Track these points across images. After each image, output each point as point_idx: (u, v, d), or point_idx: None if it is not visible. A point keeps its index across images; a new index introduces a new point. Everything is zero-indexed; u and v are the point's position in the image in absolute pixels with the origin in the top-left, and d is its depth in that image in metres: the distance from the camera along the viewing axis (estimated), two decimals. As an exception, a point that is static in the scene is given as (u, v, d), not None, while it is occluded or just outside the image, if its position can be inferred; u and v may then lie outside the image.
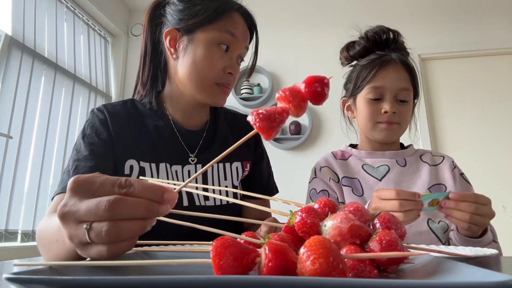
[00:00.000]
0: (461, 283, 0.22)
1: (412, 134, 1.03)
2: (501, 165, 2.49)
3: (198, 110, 0.89)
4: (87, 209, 0.33)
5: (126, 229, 0.34)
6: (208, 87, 0.80)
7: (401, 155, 0.98)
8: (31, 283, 0.24)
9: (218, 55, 0.79)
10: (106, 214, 0.32)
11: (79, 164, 0.72)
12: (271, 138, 0.37)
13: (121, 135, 0.79)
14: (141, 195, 0.34)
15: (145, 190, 0.35)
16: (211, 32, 0.78)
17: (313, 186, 0.98)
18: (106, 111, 0.81)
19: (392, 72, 0.91)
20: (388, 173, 0.95)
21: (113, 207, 0.33)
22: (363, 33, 0.99)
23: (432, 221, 0.88)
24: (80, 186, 0.35)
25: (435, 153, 1.01)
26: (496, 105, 2.61)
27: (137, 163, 0.78)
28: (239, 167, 0.89)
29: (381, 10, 2.88)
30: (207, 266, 0.36)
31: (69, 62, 2.50)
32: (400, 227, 0.37)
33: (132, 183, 0.35)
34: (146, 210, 0.34)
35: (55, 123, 2.29)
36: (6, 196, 1.87)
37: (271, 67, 2.88)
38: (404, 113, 0.93)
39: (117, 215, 0.33)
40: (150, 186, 0.35)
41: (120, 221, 0.33)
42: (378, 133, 0.94)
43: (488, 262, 0.51)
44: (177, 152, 0.83)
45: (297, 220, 0.36)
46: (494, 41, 2.69)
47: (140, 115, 0.85)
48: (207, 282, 0.23)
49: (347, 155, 1.03)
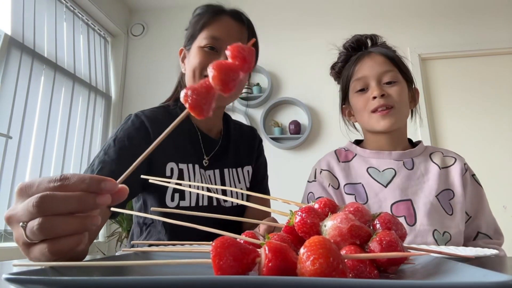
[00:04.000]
0: (461, 283, 0.22)
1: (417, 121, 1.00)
2: (501, 165, 2.49)
3: (214, 115, 0.95)
4: (22, 208, 0.34)
5: (60, 224, 0.33)
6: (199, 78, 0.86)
7: (409, 155, 0.93)
8: (31, 283, 0.24)
9: (206, 54, 0.86)
10: (36, 210, 0.33)
11: (105, 167, 0.72)
12: (203, 116, 0.36)
13: None
14: (76, 187, 0.34)
15: (80, 182, 0.34)
16: (199, 40, 0.88)
17: (311, 189, 0.97)
18: (144, 117, 0.85)
19: (369, 60, 0.93)
20: (394, 178, 0.90)
21: (40, 202, 0.33)
22: (341, 46, 1.01)
23: (437, 232, 0.83)
24: (22, 190, 0.36)
25: (446, 153, 0.95)
26: (496, 105, 2.61)
27: (176, 165, 0.84)
28: (250, 171, 1.00)
29: (381, 10, 2.88)
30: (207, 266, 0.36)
31: (69, 62, 2.50)
32: (400, 228, 0.37)
33: (68, 177, 0.35)
34: (77, 202, 0.34)
35: (54, 123, 2.29)
36: (6, 196, 1.87)
37: (271, 66, 2.88)
38: (396, 93, 0.89)
39: (47, 211, 0.33)
40: (86, 178, 0.35)
41: (53, 216, 0.33)
42: (376, 122, 0.90)
43: (488, 262, 0.51)
44: (197, 155, 0.91)
45: (297, 220, 0.36)
46: (494, 41, 2.69)
47: (173, 120, 0.88)
48: (207, 282, 0.23)
49: (351, 156, 0.99)
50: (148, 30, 3.17)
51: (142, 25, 3.18)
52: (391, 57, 0.92)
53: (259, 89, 2.84)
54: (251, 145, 1.05)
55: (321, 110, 2.74)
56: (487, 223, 0.90)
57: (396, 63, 0.92)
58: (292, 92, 2.82)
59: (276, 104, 2.81)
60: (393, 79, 0.90)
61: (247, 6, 0.89)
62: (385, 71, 0.90)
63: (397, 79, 0.91)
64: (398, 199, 0.87)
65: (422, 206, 0.85)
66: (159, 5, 3.13)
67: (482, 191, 0.92)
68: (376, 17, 2.85)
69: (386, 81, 0.90)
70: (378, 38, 0.99)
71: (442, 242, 0.82)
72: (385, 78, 0.90)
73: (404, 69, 0.93)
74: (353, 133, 1.07)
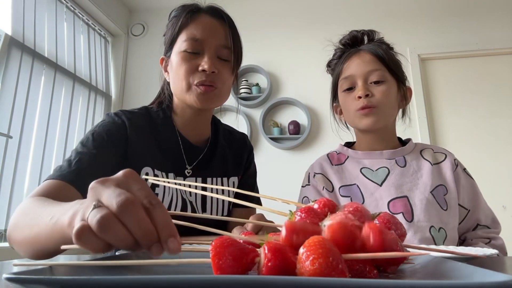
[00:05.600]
0: (461, 283, 0.22)
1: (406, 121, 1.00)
2: (501, 165, 2.48)
3: (199, 120, 0.91)
4: (111, 193, 0.33)
5: (115, 233, 0.32)
6: (188, 89, 0.82)
7: (400, 153, 0.95)
8: (31, 283, 0.24)
9: (188, 59, 0.81)
10: (114, 206, 0.32)
11: (83, 158, 0.71)
12: None
13: (139, 142, 0.81)
14: (156, 216, 0.33)
15: (162, 216, 0.33)
16: (178, 45, 0.84)
17: (306, 193, 0.97)
18: (125, 117, 0.82)
19: (357, 59, 0.93)
20: (388, 177, 0.91)
21: (124, 206, 0.32)
22: (337, 43, 1.01)
23: (434, 228, 0.83)
24: (134, 175, 0.36)
25: (437, 150, 0.97)
26: (496, 105, 2.61)
27: (152, 170, 0.80)
28: (235, 182, 0.94)
29: (380, 10, 2.88)
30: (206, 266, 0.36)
31: (69, 61, 2.50)
32: (400, 228, 0.37)
33: (158, 207, 0.34)
34: (144, 234, 0.32)
35: (55, 123, 2.29)
36: (6, 196, 1.87)
37: (270, 67, 2.88)
38: (381, 93, 0.89)
39: (121, 215, 0.32)
40: (168, 220, 0.33)
41: (118, 223, 0.32)
42: (359, 121, 0.91)
43: (488, 262, 0.51)
44: (178, 163, 0.86)
45: (296, 220, 0.36)
46: (494, 41, 2.68)
47: (154, 124, 0.88)
48: (207, 282, 0.23)
49: (343, 158, 0.99)
50: (148, 30, 3.17)
51: (142, 25, 3.18)
52: (380, 55, 0.92)
53: (258, 89, 2.84)
54: (240, 154, 0.98)
55: (321, 110, 2.74)
56: (485, 215, 0.91)
57: (385, 62, 0.91)
58: (292, 92, 2.82)
59: (275, 104, 2.81)
60: (380, 78, 0.90)
61: (247, 6, 0.89)
62: (371, 70, 0.90)
63: (384, 78, 0.90)
64: (394, 196, 0.88)
65: (418, 202, 0.86)
66: (159, 5, 3.13)
67: (474, 183, 0.93)
68: (376, 17, 2.85)
69: (373, 80, 0.90)
70: (375, 34, 0.98)
71: (438, 239, 0.83)
72: (372, 77, 0.90)
73: (394, 67, 0.93)
74: (343, 131, 1.07)
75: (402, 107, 0.98)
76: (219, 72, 0.82)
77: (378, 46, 0.94)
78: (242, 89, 2.84)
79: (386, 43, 0.98)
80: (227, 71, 0.84)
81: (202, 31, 0.81)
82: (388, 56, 0.93)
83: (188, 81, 0.81)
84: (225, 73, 0.84)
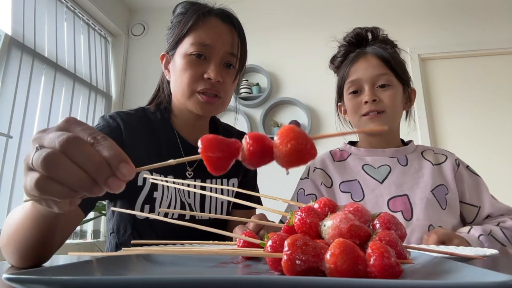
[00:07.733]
0: (461, 283, 0.22)
1: (410, 124, 1.01)
2: (501, 165, 2.49)
3: (198, 123, 0.90)
4: (51, 135, 0.32)
5: (64, 168, 0.30)
6: (191, 96, 0.81)
7: (402, 152, 0.95)
8: (31, 283, 0.24)
9: (194, 64, 0.79)
10: (57, 143, 0.31)
11: None
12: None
13: (135, 145, 0.80)
14: (102, 149, 0.32)
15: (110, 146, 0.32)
16: (184, 46, 0.81)
17: (302, 186, 0.97)
18: (120, 120, 0.81)
19: (363, 62, 0.92)
20: (389, 175, 0.91)
21: (67, 143, 0.31)
22: (342, 40, 1.00)
23: (432, 227, 0.83)
24: (75, 120, 0.35)
25: (438, 151, 0.97)
26: (496, 105, 2.61)
27: (150, 173, 0.79)
28: (235, 183, 0.93)
29: (380, 10, 2.88)
30: (206, 265, 0.36)
31: (69, 61, 2.50)
32: (400, 228, 0.37)
33: (104, 140, 0.33)
34: (95, 167, 0.31)
35: (55, 123, 2.28)
36: (6, 196, 1.87)
37: (270, 66, 2.88)
38: (388, 98, 0.89)
39: (65, 151, 0.31)
40: (117, 149, 0.33)
41: (65, 158, 0.31)
42: (365, 125, 0.91)
43: (488, 262, 0.51)
44: (178, 165, 0.84)
45: (296, 219, 0.36)
46: (494, 41, 2.68)
47: (151, 126, 0.86)
48: (207, 282, 0.23)
49: (346, 155, 1.00)
50: (148, 30, 3.17)
51: (143, 25, 3.18)
52: (386, 59, 0.92)
53: (259, 89, 2.84)
54: None
55: (321, 110, 2.75)
56: (498, 208, 0.90)
57: (391, 66, 0.92)
58: (292, 92, 2.82)
59: (275, 104, 2.81)
60: (387, 82, 0.90)
61: (247, 6, 0.89)
62: (379, 75, 0.90)
63: (391, 83, 0.91)
64: (394, 194, 0.88)
65: (418, 201, 0.86)
66: (159, 5, 3.13)
67: (480, 179, 0.93)
68: (376, 17, 2.84)
69: (380, 84, 0.90)
70: (379, 31, 0.98)
71: None
72: (379, 81, 0.91)
73: (400, 71, 0.93)
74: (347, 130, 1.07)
75: (406, 108, 0.99)
76: (223, 81, 0.81)
77: (384, 47, 0.94)
78: (243, 89, 2.84)
79: (390, 40, 0.98)
80: (231, 78, 0.83)
81: (212, 36, 0.79)
82: (394, 59, 0.93)
83: (192, 88, 0.79)
84: (229, 81, 0.83)
